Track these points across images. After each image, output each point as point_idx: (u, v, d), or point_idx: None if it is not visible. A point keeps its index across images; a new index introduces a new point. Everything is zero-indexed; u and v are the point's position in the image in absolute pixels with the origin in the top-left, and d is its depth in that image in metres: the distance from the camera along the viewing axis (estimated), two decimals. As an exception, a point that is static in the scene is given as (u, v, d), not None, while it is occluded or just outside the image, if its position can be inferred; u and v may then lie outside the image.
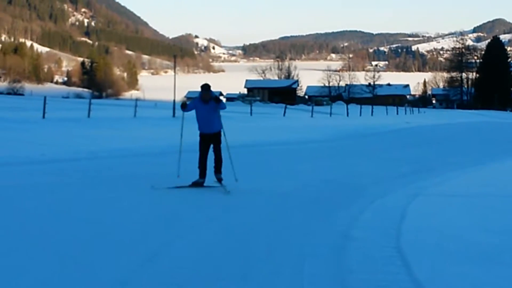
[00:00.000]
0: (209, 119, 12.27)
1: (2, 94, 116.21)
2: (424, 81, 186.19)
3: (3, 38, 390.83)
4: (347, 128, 33.75)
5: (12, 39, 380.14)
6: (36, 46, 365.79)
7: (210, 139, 12.44)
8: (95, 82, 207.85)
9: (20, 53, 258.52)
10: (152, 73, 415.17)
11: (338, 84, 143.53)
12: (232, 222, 8.85)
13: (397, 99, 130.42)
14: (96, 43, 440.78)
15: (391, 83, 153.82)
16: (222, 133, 12.61)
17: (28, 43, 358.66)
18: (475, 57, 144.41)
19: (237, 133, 28.25)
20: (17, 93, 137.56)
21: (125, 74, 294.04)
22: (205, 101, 12.33)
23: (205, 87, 12.55)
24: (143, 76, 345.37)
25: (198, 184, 12.18)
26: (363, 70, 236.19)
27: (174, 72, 54.52)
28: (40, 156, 15.68)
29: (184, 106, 12.63)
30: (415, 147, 24.20)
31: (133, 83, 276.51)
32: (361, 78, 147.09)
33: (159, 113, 44.33)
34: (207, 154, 12.47)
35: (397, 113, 70.62)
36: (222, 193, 11.49)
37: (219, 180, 12.33)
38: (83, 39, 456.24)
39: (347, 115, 58.69)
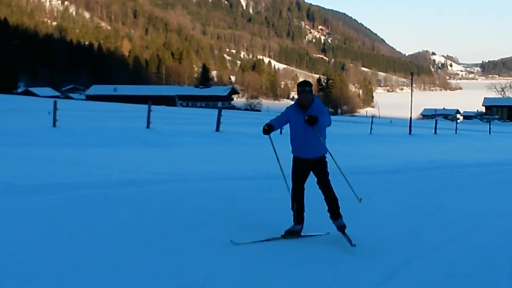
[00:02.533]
0: (308, 137, 8.27)
1: (240, 110, 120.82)
2: None
3: (242, 55, 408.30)
4: None
5: (251, 56, 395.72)
6: (273, 62, 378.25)
7: (309, 167, 8.45)
8: (331, 98, 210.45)
9: (258, 70, 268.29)
10: (388, 90, 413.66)
11: None
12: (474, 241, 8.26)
13: None
14: (332, 60, 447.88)
15: None
16: (326, 159, 8.51)
17: (266, 60, 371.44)
18: None
19: (475, 152, 27.27)
20: (254, 109, 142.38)
21: (361, 91, 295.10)
22: (304, 108, 8.29)
23: (303, 84, 8.49)
24: (379, 93, 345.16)
25: (293, 233, 8.33)
26: None
27: (411, 89, 53.91)
28: (278, 172, 15.78)
29: (270, 129, 8.61)
30: None
31: (368, 100, 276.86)
32: None
33: (394, 130, 43.87)
34: (304, 188, 8.53)
35: None
36: (345, 248, 7.81)
37: (341, 228, 8.35)
38: (320, 56, 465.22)
39: None
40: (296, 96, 8.44)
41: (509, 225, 9.66)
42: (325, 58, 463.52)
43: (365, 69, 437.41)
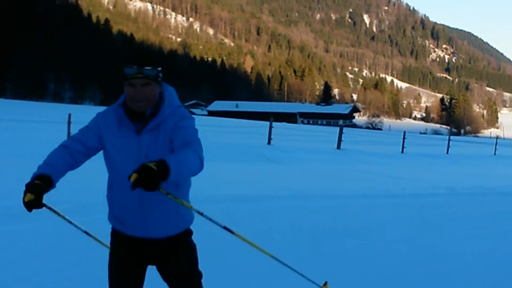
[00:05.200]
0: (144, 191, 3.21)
1: (361, 128, 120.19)
2: None
3: (364, 73, 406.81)
4: None
5: (373, 74, 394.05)
6: (396, 81, 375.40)
7: (148, 257, 3.95)
8: (454, 118, 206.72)
9: (380, 88, 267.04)
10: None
11: None
12: None
13: None
14: (456, 79, 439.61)
15: None
16: (192, 240, 4.13)
17: (389, 78, 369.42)
18: None
19: None
20: (375, 127, 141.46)
21: (485, 112, 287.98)
22: (137, 119, 3.70)
23: (139, 60, 3.54)
24: (504, 114, 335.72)
25: None
26: None
27: (539, 110, 52.05)
28: (400, 190, 15.61)
29: (38, 192, 3.43)
30: None
31: (492, 120, 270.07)
32: None
33: (521, 152, 42.55)
34: None
35: None
36: None
37: None
38: (443, 75, 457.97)
39: None
40: (418, 115, 6.41)
41: None
42: (448, 77, 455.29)
43: (490, 89, 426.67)
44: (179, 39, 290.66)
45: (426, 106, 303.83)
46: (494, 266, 7.54)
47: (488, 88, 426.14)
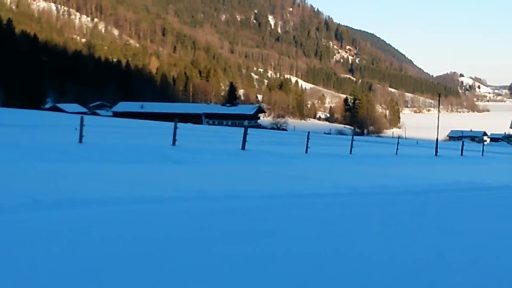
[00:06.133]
0: None
1: (266, 128, 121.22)
2: None
3: (269, 74, 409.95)
4: None
5: (278, 75, 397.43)
6: (300, 82, 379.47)
7: None
8: (357, 118, 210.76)
9: (285, 89, 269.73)
10: (415, 111, 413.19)
11: None
12: None
13: None
14: (360, 80, 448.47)
15: None
16: None
17: (293, 79, 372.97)
18: None
19: (502, 174, 27.02)
20: (280, 128, 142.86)
21: (387, 112, 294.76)
22: None
23: None
24: (405, 114, 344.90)
25: None
26: None
27: (438, 110, 53.72)
28: (303, 190, 15.81)
29: None
30: None
31: (395, 120, 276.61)
32: None
33: (420, 151, 43.76)
34: None
35: None
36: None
37: None
38: (347, 76, 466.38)
39: None
40: (322, 115, 7.36)
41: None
42: (352, 78, 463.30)
43: (393, 90, 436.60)
44: (83, 40, 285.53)
45: (330, 106, 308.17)
46: (394, 263, 7.71)
47: (390, 89, 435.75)
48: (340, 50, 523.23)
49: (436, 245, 9.05)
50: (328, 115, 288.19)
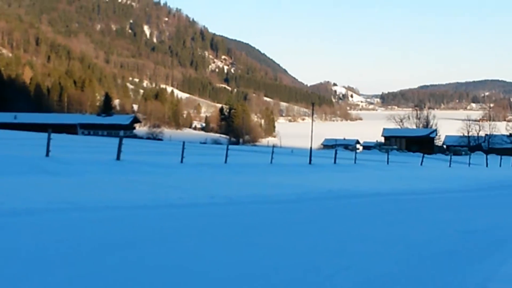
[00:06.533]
0: None
1: (142, 138, 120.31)
2: None
3: (145, 84, 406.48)
4: (487, 178, 32.63)
5: (154, 85, 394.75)
6: (176, 92, 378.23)
7: None
8: (233, 128, 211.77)
9: (160, 99, 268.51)
10: (290, 120, 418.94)
11: (478, 134, 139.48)
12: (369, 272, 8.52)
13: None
14: (235, 89, 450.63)
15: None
16: None
17: (169, 89, 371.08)
18: None
19: (373, 181, 27.97)
20: (156, 138, 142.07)
21: (263, 121, 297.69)
22: None
23: None
24: (281, 123, 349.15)
25: None
26: (504, 120, 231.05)
27: (312, 119, 54.94)
28: (178, 200, 15.96)
29: None
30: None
31: (270, 129, 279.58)
32: (502, 128, 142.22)
33: (295, 159, 44.41)
34: None
35: (542, 165, 67.90)
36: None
37: None
38: (222, 85, 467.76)
39: (487, 165, 57.07)
40: (198, 125, 7.32)
41: (403, 252, 10.05)
42: (228, 87, 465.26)
43: (268, 99, 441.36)
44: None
45: (206, 116, 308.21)
46: (264, 272, 7.99)
47: (265, 98, 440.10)
48: (215, 60, 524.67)
49: (307, 253, 9.45)
50: (204, 124, 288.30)
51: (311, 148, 44.13)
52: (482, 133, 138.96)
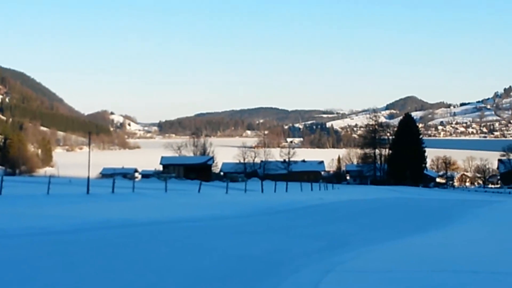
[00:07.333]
0: None
1: None
2: (339, 157, 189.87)
3: None
4: (261, 204, 33.72)
5: None
6: None
7: None
8: (9, 158, 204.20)
9: None
10: (67, 150, 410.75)
11: (254, 160, 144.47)
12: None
13: (312, 175, 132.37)
14: (10, 119, 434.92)
15: (306, 159, 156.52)
16: None
17: None
18: (388, 134, 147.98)
19: (151, 210, 28.04)
20: None
21: (40, 151, 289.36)
22: None
23: None
24: (58, 153, 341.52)
25: None
26: (278, 146, 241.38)
27: (89, 148, 54.34)
28: None
29: None
30: (329, 223, 24.09)
31: (47, 159, 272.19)
32: (276, 154, 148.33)
33: (73, 189, 43.76)
34: None
35: (312, 189, 71.43)
36: None
37: None
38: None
39: (262, 191, 58.97)
40: None
41: (180, 282, 10.15)
42: (2, 117, 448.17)
43: (44, 129, 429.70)
44: None
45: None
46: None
47: (42, 128, 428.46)
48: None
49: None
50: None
51: (88, 178, 43.66)
52: (257, 160, 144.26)
